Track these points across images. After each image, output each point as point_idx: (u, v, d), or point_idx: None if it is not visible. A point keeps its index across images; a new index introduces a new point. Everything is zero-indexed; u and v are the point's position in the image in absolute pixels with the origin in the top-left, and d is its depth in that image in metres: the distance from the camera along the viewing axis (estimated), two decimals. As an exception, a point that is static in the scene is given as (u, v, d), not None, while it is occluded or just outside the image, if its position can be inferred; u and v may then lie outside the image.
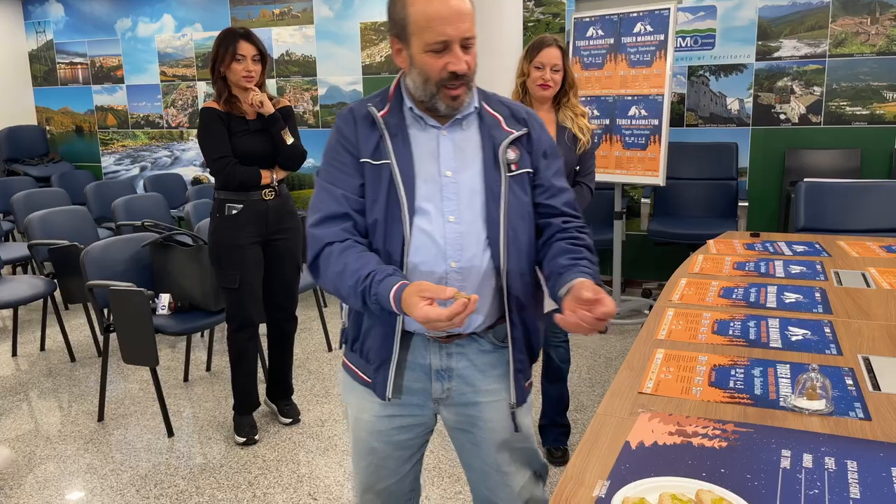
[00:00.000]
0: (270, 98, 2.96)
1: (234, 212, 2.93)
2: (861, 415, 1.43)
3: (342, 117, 1.50)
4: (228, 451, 3.02)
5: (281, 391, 3.33)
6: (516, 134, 1.49)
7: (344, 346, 1.61)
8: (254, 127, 2.91)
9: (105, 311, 3.25)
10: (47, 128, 7.28)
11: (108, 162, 7.15)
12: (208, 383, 3.78)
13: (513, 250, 1.46)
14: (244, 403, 3.13)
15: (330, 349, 4.27)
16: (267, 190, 2.96)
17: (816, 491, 1.16)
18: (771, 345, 1.86)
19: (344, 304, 1.57)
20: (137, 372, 3.87)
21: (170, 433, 3.17)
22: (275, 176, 2.98)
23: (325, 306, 5.14)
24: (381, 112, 1.46)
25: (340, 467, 2.86)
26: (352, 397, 1.61)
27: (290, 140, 2.95)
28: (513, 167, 1.47)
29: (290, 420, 3.25)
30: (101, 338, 3.37)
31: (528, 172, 1.50)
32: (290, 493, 2.68)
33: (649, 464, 1.25)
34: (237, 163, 2.89)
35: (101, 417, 3.34)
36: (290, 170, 3.03)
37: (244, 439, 3.06)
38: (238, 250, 2.93)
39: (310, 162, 6.51)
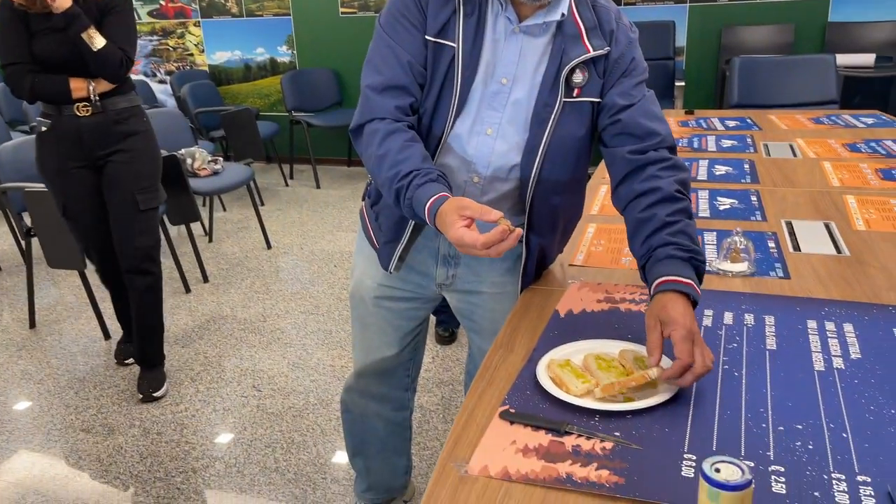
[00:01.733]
0: None
1: (44, 129, 2.43)
2: (781, 274, 1.48)
3: None
4: (169, 350, 2.99)
5: (137, 356, 2.70)
6: (591, 54, 1.25)
7: (367, 198, 1.53)
8: (58, 25, 2.27)
9: (25, 216, 3.10)
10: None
11: (16, 60, 6.65)
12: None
13: (545, 184, 1.31)
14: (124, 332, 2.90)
15: (269, 247, 4.20)
16: (81, 105, 2.38)
17: (735, 345, 1.19)
18: (700, 214, 1.89)
19: None
20: (69, 278, 3.75)
21: (106, 336, 3.11)
22: (93, 87, 2.37)
23: (262, 205, 5.03)
24: None
25: (284, 359, 2.87)
26: (360, 258, 1.56)
27: (98, 44, 2.28)
28: (575, 92, 1.27)
29: (142, 396, 2.61)
30: (23, 243, 3.23)
31: (592, 102, 1.29)
32: (233, 387, 2.69)
33: (577, 329, 1.27)
34: (33, 70, 2.33)
35: (32, 324, 3.24)
36: (108, 81, 2.39)
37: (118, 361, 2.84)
38: (57, 175, 2.47)
39: (232, 56, 6.21)
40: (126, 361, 2.87)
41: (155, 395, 2.61)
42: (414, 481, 2.02)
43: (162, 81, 6.42)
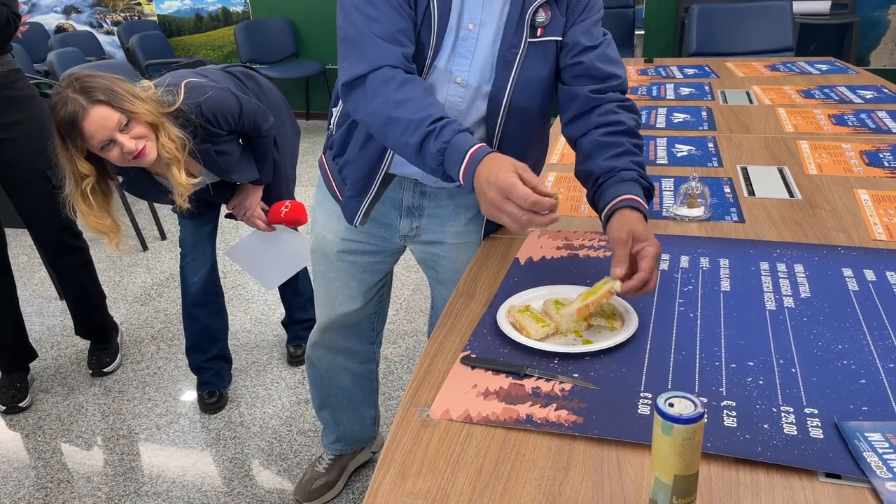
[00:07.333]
0: None
1: None
2: (736, 218, 1.50)
3: None
4: (128, 308, 2.95)
5: (83, 331, 2.58)
6: None
7: (328, 150, 1.49)
8: None
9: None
10: None
11: (-48, 11, 6.32)
12: (98, 243, 3.61)
13: (511, 127, 1.30)
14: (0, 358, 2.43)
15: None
16: None
17: (691, 287, 1.22)
18: (658, 162, 1.90)
19: (334, 110, 1.42)
20: (19, 237, 3.64)
21: (61, 296, 3.04)
22: None
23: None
24: None
25: (246, 315, 2.85)
26: (320, 212, 1.54)
27: None
28: (539, 32, 1.26)
29: (91, 371, 2.53)
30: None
31: (556, 41, 1.28)
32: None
33: (537, 276, 1.28)
34: None
35: (-17, 286, 3.15)
36: None
37: (3, 407, 2.34)
38: None
39: (182, 5, 5.99)
40: (104, 371, 2.54)
41: (106, 370, 2.51)
42: (382, 431, 2.05)
43: (109, 32, 6.17)
